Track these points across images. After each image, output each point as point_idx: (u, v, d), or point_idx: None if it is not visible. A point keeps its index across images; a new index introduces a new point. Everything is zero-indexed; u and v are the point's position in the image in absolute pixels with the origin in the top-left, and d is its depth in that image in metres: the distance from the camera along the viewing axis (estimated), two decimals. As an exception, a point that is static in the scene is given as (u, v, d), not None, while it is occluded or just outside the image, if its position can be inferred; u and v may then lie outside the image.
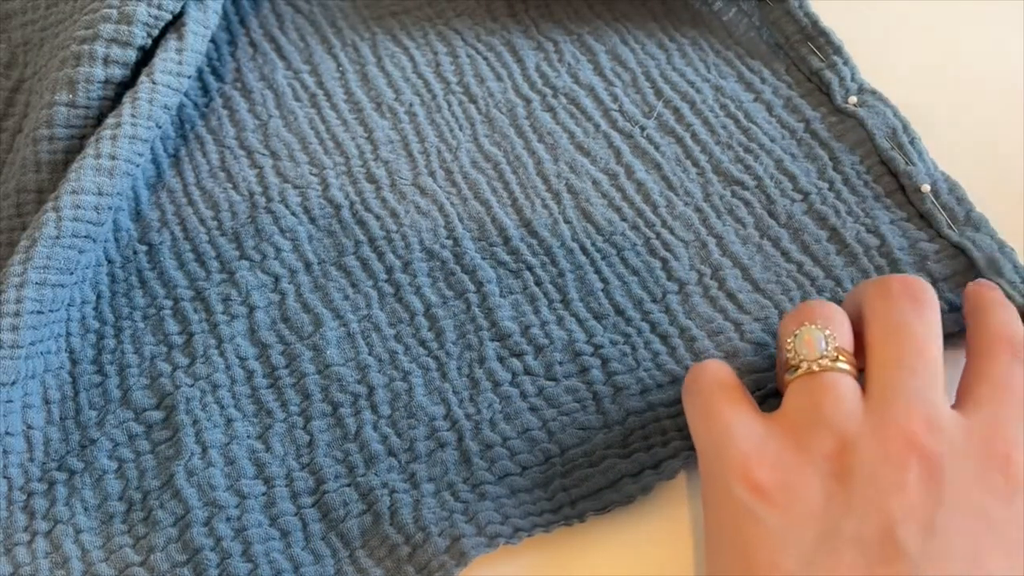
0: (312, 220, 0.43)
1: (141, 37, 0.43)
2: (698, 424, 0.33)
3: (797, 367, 0.33)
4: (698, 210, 0.42)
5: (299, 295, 0.41)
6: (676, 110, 0.45)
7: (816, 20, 0.46)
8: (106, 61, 0.43)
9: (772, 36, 0.47)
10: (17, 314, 0.37)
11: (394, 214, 0.43)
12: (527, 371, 0.38)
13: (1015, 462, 0.30)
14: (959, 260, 0.39)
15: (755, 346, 0.38)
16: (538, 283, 0.40)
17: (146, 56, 0.44)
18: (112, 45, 0.43)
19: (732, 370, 0.34)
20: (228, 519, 0.35)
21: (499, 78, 0.47)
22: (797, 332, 0.33)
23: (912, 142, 0.42)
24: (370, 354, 0.39)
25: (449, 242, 0.42)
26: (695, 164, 0.44)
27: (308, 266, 0.42)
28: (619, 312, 0.39)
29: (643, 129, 0.45)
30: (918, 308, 0.33)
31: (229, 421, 0.37)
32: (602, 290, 0.40)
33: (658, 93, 0.46)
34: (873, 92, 0.44)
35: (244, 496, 0.36)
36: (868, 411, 0.31)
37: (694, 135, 0.44)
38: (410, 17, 0.50)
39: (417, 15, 0.50)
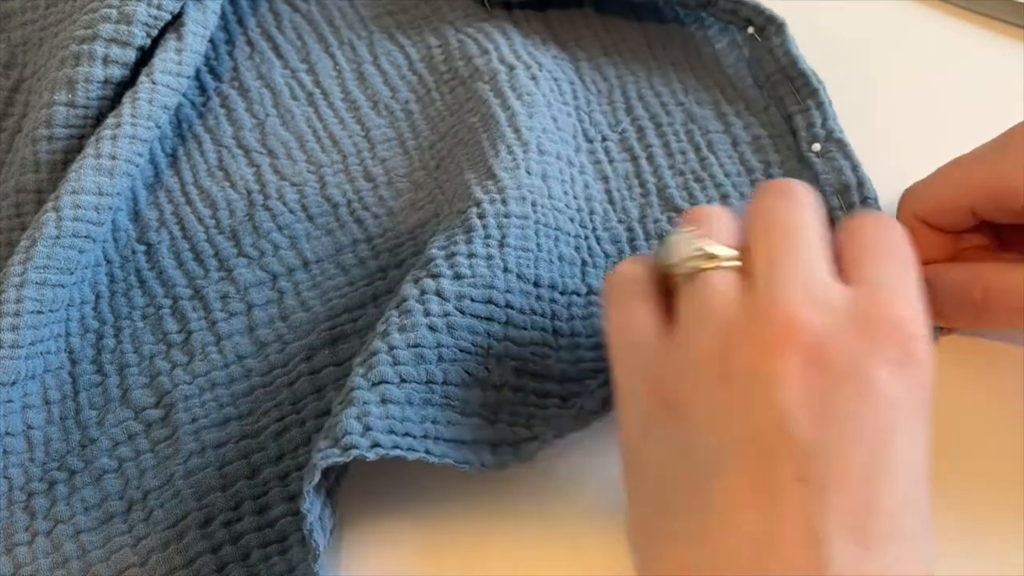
0: (310, 218, 0.43)
1: (141, 37, 0.44)
2: (609, 330, 0.32)
3: (670, 274, 0.31)
4: (629, 229, 0.42)
5: (297, 293, 0.41)
6: (640, 129, 0.45)
7: (796, 60, 0.45)
8: (105, 61, 0.43)
9: (758, 72, 0.46)
10: (17, 314, 0.37)
11: (391, 212, 0.43)
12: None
13: (910, 327, 0.28)
14: None
15: None
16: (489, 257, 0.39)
17: (145, 56, 0.44)
18: (112, 45, 0.43)
19: (647, 267, 0.33)
20: (227, 522, 0.35)
21: (484, 52, 0.47)
22: (663, 239, 0.32)
23: (864, 202, 0.41)
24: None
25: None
26: (641, 185, 0.43)
27: (306, 264, 0.42)
28: (536, 284, 0.39)
29: (604, 140, 0.45)
30: (793, 199, 0.32)
31: (227, 420, 0.38)
32: (534, 259, 0.39)
33: (629, 110, 0.46)
34: (839, 141, 0.42)
35: (241, 499, 0.36)
36: (748, 301, 0.29)
37: (650, 156, 0.44)
38: (407, 16, 0.50)
39: (414, 13, 0.50)
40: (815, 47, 0.46)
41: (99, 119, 0.43)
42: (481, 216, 0.39)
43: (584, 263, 0.41)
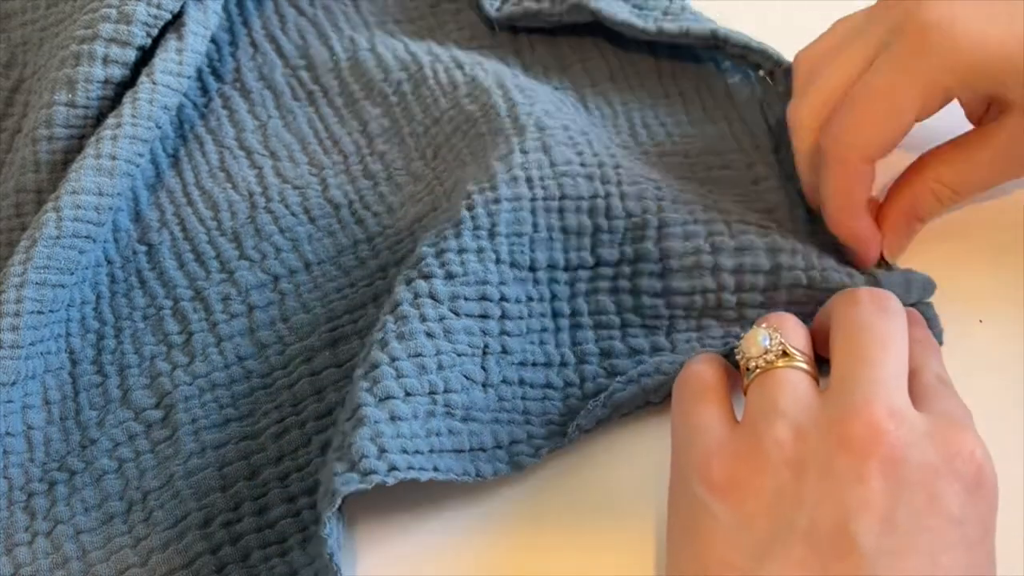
0: (312, 220, 0.43)
1: (141, 37, 0.43)
2: (674, 423, 0.34)
3: (748, 368, 0.33)
4: (658, 188, 0.40)
5: (298, 295, 0.41)
6: (645, 154, 0.44)
7: None
8: (105, 61, 0.43)
9: (768, 113, 0.45)
10: (17, 314, 0.37)
11: (390, 208, 0.43)
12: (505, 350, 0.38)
13: (979, 459, 0.30)
14: None
15: (630, 349, 0.38)
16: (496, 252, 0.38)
17: (145, 56, 0.44)
18: (112, 45, 0.43)
19: (719, 368, 0.34)
20: (227, 523, 0.35)
21: (486, 54, 0.47)
22: (743, 336, 0.34)
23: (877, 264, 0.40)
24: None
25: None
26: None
27: (307, 266, 0.42)
28: (532, 268, 0.39)
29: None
30: (883, 311, 0.33)
31: (227, 421, 0.38)
32: (529, 242, 0.39)
33: (633, 136, 0.45)
34: None
35: (241, 500, 0.36)
36: (826, 401, 0.31)
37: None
38: (413, 26, 0.49)
39: (420, 24, 0.49)
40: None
41: (99, 119, 0.43)
42: (470, 207, 0.38)
43: (597, 229, 0.39)
